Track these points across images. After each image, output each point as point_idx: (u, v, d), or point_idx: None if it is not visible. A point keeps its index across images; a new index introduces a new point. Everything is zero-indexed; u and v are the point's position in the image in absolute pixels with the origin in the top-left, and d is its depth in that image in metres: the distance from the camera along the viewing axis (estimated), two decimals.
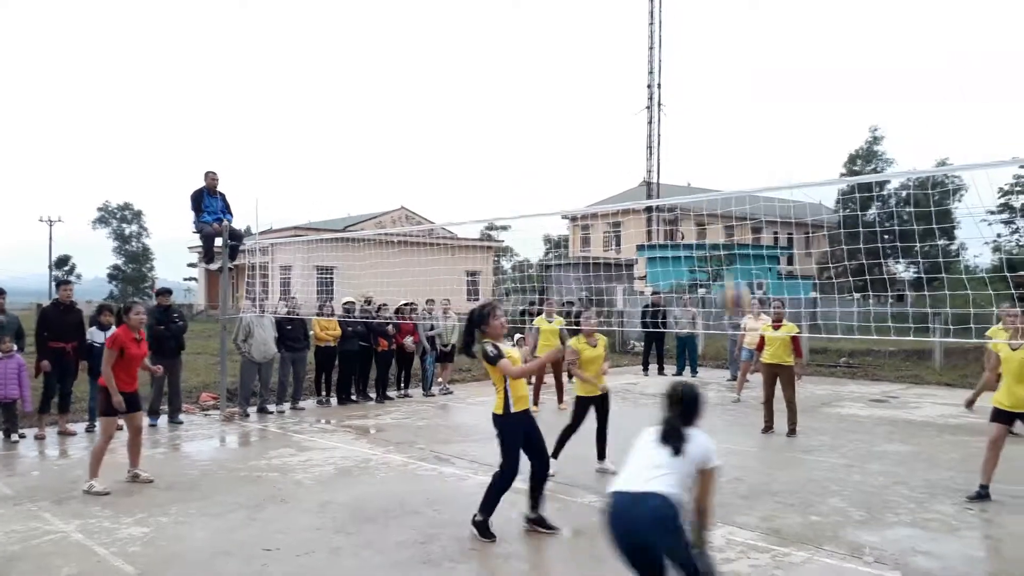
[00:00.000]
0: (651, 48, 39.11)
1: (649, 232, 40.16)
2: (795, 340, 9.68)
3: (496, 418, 5.61)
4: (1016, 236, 37.85)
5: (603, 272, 26.29)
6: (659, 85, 39.30)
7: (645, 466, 3.75)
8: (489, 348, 5.53)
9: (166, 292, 11.20)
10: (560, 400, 12.06)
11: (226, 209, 11.16)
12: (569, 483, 7.19)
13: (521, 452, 5.63)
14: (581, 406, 7.60)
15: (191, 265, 55.28)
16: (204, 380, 13.68)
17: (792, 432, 9.56)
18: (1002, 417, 6.64)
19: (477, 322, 5.65)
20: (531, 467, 5.71)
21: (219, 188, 11.13)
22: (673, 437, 3.78)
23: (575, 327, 8.94)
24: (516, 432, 5.58)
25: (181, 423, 10.39)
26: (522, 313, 15.72)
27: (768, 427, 9.77)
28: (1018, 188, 37.69)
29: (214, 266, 12.01)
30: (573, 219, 51.07)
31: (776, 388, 9.77)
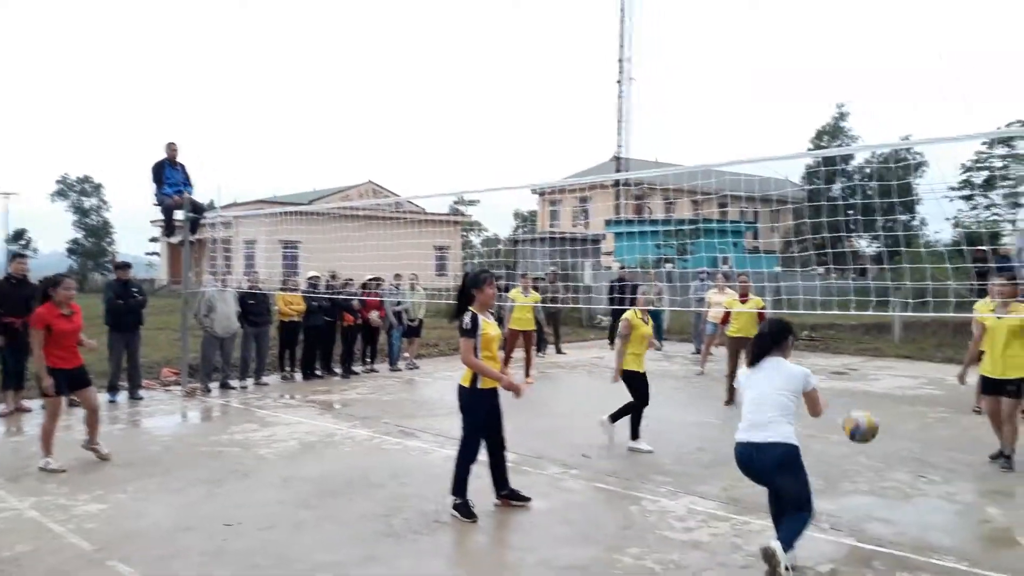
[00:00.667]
0: (622, 21, 38.96)
1: (617, 207, 40.25)
2: (761, 315, 9.77)
3: (463, 391, 5.55)
4: (976, 212, 38.62)
5: (571, 247, 26.30)
6: (629, 59, 39.21)
7: (761, 408, 4.52)
8: (467, 319, 5.42)
9: (125, 266, 10.96)
10: (527, 374, 12.08)
11: (187, 181, 10.95)
12: (535, 455, 7.22)
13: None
14: (641, 381, 7.59)
15: (153, 240, 54.36)
16: (166, 355, 13.48)
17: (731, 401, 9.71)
18: (989, 387, 6.85)
19: (471, 286, 5.53)
20: (487, 445, 5.66)
21: (180, 160, 10.89)
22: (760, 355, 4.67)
23: (550, 304, 8.96)
24: (480, 407, 5.54)
25: (141, 399, 10.23)
26: (504, 289, 15.68)
27: (730, 400, 9.89)
28: (979, 165, 38.41)
29: (175, 239, 11.78)
30: (542, 193, 50.98)
31: (740, 362, 9.86)
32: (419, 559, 4.70)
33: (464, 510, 5.42)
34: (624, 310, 16.26)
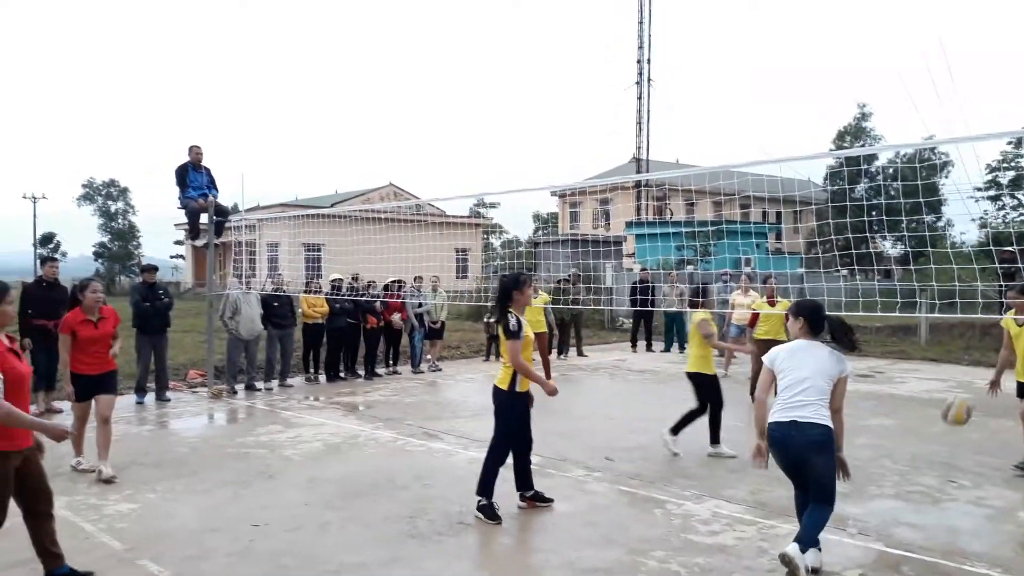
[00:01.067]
0: (641, 23, 38.85)
1: (638, 208, 40.14)
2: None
3: (499, 392, 5.56)
4: (1003, 212, 38.08)
5: (592, 248, 26.27)
6: (648, 60, 39.10)
7: (804, 390, 4.41)
8: (512, 321, 5.45)
9: (152, 269, 11.11)
10: (548, 376, 12.09)
11: (212, 184, 11.06)
12: (559, 458, 7.22)
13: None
14: (711, 382, 7.45)
15: (178, 243, 54.89)
16: (192, 357, 13.64)
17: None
18: (1021, 391, 6.76)
19: (512, 287, 5.57)
20: (515, 446, 5.68)
21: (204, 163, 11.01)
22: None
23: (561, 303, 8.96)
24: (515, 410, 5.57)
25: (168, 400, 10.36)
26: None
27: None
28: (1004, 164, 37.86)
29: (200, 242, 11.94)
30: (562, 196, 50.95)
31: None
32: (444, 560, 4.72)
33: (489, 511, 5.43)
34: (645, 312, 16.20)
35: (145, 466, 6.96)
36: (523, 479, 5.77)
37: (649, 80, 39.25)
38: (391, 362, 13.37)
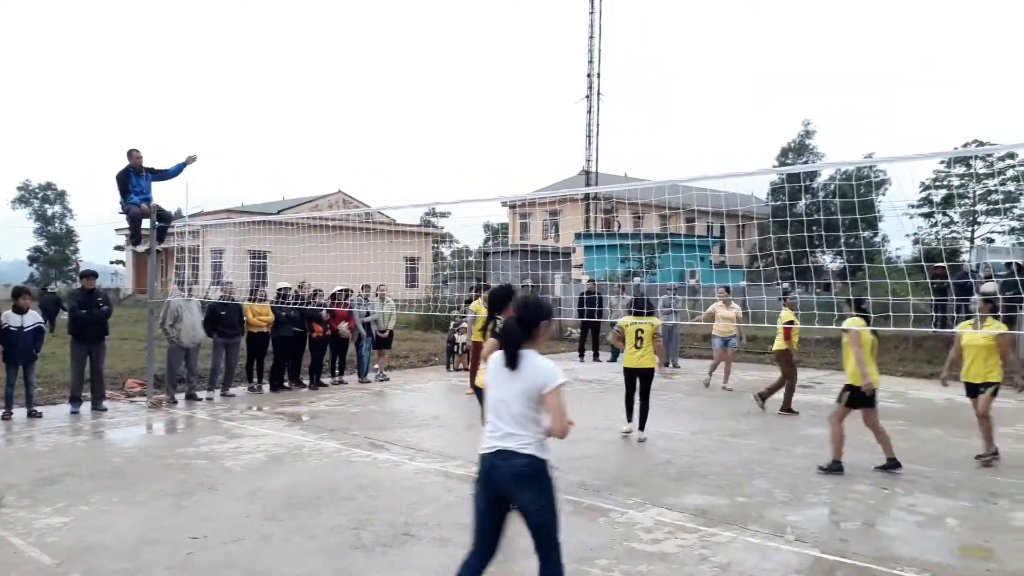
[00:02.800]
0: (591, 37, 39.32)
1: (587, 220, 40.54)
2: (787, 330, 10.70)
3: (478, 391, 6.01)
4: (935, 229, 39.51)
5: (541, 259, 26.41)
6: (598, 74, 39.58)
7: (501, 415, 3.65)
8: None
9: (91, 275, 10.79)
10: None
11: (159, 175, 10.78)
12: None
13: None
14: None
15: (119, 248, 53.42)
16: (131, 366, 13.27)
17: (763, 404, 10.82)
18: (970, 390, 7.67)
19: (503, 301, 5.88)
20: None
21: (146, 164, 10.75)
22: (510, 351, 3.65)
23: None
24: None
25: (105, 410, 10.06)
26: (467, 301, 15.72)
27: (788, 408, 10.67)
28: (937, 183, 39.34)
29: (141, 248, 11.64)
30: (512, 206, 51.15)
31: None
32: (391, 572, 4.69)
33: None
34: (593, 322, 16.39)
35: (79, 477, 6.74)
36: None
37: (599, 94, 39.75)
38: (337, 371, 13.22)
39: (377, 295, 13.74)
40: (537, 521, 3.63)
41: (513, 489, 3.60)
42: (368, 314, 13.38)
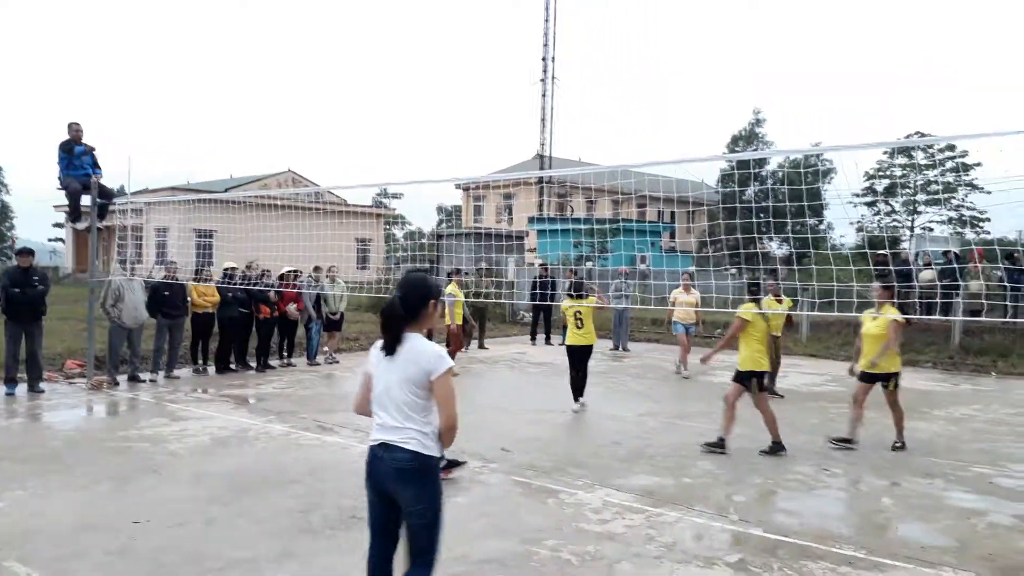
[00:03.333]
0: (547, 20, 39.21)
1: (540, 204, 40.60)
2: (790, 317, 11.12)
3: None
4: (878, 218, 40.63)
5: (495, 242, 26.38)
6: (553, 58, 39.52)
7: (386, 406, 3.35)
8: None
9: (27, 252, 10.39)
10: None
11: (95, 164, 10.49)
12: (456, 450, 7.22)
13: None
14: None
15: (57, 225, 51.69)
16: (70, 346, 12.86)
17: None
18: (866, 378, 7.65)
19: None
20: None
21: (86, 141, 10.41)
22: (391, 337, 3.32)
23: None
24: None
25: (42, 392, 9.76)
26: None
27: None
28: (880, 173, 40.39)
29: (81, 225, 11.29)
30: (466, 189, 50.95)
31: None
32: (337, 555, 4.66)
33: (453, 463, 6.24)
34: (545, 306, 16.44)
35: (14, 461, 6.54)
36: None
37: (553, 78, 39.70)
38: (285, 354, 13.03)
39: (328, 276, 13.57)
40: (417, 523, 3.31)
41: (394, 485, 3.30)
42: (318, 295, 13.18)
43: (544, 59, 39.59)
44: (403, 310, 3.32)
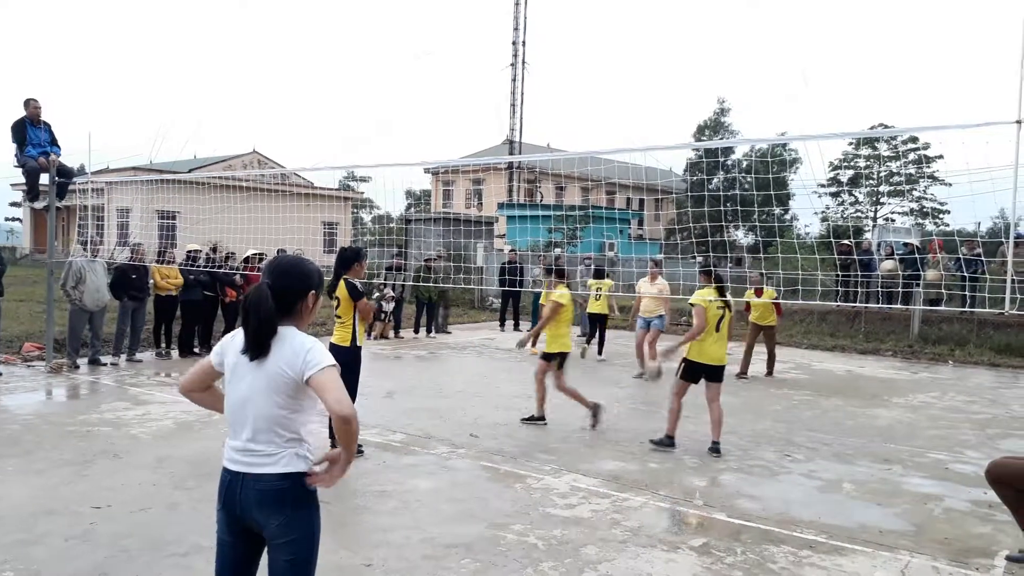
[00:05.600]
0: (517, 4, 38.99)
1: (510, 190, 40.54)
2: (777, 304, 11.52)
3: (342, 350, 6.35)
4: (842, 208, 41.29)
5: (464, 227, 26.29)
6: (524, 43, 39.34)
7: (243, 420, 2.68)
8: (358, 284, 6.46)
9: None
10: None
11: (53, 142, 10.22)
12: (424, 435, 7.23)
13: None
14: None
15: (14, 204, 50.37)
16: (28, 329, 12.58)
17: (770, 374, 11.55)
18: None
19: (350, 261, 6.56)
20: None
21: (44, 118, 10.14)
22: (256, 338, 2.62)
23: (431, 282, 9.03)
24: (358, 363, 6.48)
25: (0, 374, 9.54)
26: (388, 268, 15.51)
27: (743, 373, 11.42)
28: (845, 164, 41.01)
29: (39, 204, 11.00)
30: (435, 173, 50.66)
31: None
32: None
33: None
34: (514, 292, 16.43)
35: None
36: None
37: (524, 63, 39.54)
38: None
39: None
40: (286, 558, 2.62)
41: (257, 514, 2.62)
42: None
43: (514, 43, 39.40)
44: (276, 302, 2.61)
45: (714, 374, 7.18)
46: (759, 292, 11.57)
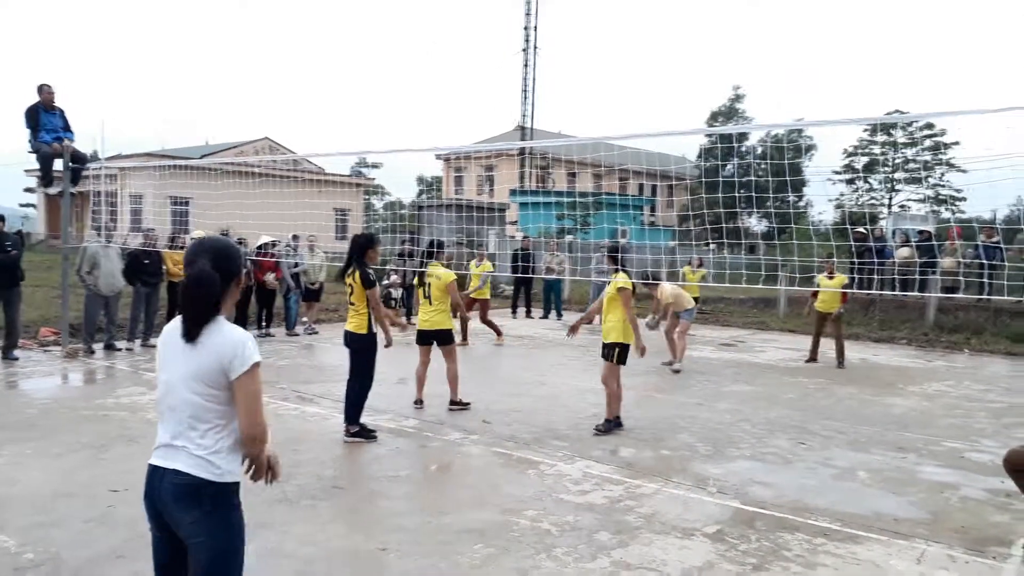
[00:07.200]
0: None
1: (522, 176, 40.44)
2: (844, 294, 11.43)
3: (359, 337, 6.53)
4: (857, 195, 40.94)
5: (476, 214, 26.26)
6: (536, 28, 39.14)
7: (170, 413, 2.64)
8: (371, 272, 6.50)
9: None
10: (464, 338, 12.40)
11: (67, 127, 10.25)
12: (437, 422, 7.24)
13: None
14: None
15: (29, 190, 50.70)
16: (43, 314, 12.68)
17: (841, 364, 11.37)
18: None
19: (363, 247, 6.60)
20: (357, 385, 6.55)
21: (57, 104, 10.16)
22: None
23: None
24: (375, 348, 6.61)
25: (16, 359, 9.61)
26: (400, 255, 15.51)
27: (813, 358, 11.69)
28: (860, 151, 40.64)
29: (53, 190, 11.06)
30: (447, 159, 50.58)
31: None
32: (315, 525, 4.65)
33: (364, 432, 6.49)
34: (526, 279, 16.43)
35: None
36: (355, 413, 6.52)
37: (535, 48, 39.34)
38: (264, 324, 12.93)
39: (307, 246, 13.44)
40: (200, 558, 2.51)
41: (173, 511, 2.54)
42: (297, 265, 13.08)
43: (526, 28, 39.21)
44: (217, 285, 2.59)
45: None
46: (831, 274, 11.42)
